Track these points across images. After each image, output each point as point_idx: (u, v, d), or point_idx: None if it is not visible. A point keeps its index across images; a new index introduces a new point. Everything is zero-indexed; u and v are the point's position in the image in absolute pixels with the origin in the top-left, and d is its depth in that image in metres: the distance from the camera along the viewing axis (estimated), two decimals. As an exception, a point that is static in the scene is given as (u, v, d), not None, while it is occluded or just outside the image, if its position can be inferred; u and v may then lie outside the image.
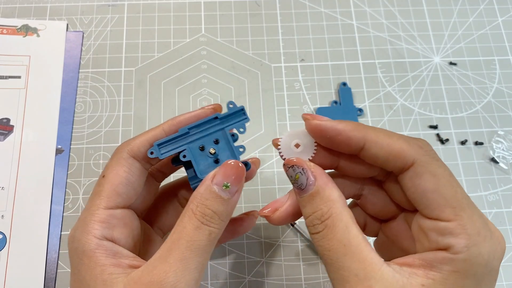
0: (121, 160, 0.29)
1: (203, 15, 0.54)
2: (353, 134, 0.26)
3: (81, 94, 0.49)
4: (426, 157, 0.25)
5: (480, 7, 0.56)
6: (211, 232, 0.27)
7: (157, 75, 0.50)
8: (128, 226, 0.29)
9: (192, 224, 0.26)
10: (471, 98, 0.51)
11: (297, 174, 0.27)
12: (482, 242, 0.23)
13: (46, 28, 0.51)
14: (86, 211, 0.28)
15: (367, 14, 0.55)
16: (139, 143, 0.29)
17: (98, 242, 0.27)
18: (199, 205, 0.27)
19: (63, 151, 0.46)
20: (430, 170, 0.25)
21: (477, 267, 0.23)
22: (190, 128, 0.30)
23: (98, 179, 0.29)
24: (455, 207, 0.24)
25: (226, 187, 0.27)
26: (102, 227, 0.27)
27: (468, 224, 0.24)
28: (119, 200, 0.28)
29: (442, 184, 0.25)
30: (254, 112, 0.49)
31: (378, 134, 0.26)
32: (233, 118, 0.30)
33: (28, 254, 0.42)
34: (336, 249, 0.25)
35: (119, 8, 0.53)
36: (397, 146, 0.26)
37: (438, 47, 0.54)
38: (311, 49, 0.53)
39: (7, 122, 0.46)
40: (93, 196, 0.29)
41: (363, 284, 0.24)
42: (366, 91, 0.51)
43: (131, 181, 0.29)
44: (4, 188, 0.44)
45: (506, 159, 0.48)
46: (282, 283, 0.42)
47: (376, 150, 0.26)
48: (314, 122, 0.27)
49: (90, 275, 0.26)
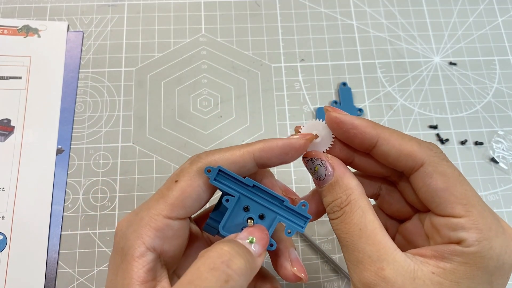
0: (199, 171, 0.27)
1: (203, 15, 0.54)
2: (368, 131, 0.27)
3: (81, 94, 0.49)
4: (436, 158, 0.26)
5: (480, 7, 0.56)
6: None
7: (157, 75, 0.50)
8: (181, 238, 0.28)
9: (218, 281, 0.24)
10: (471, 98, 0.51)
11: (316, 166, 0.28)
12: (494, 237, 0.24)
13: (47, 29, 0.51)
14: (145, 211, 0.27)
15: (367, 14, 0.55)
16: (224, 160, 0.28)
17: (144, 252, 0.26)
18: (224, 258, 0.24)
19: (63, 151, 0.46)
20: (440, 170, 0.26)
21: (488, 261, 0.24)
22: (255, 185, 0.28)
23: (169, 181, 0.28)
24: (466, 204, 0.25)
25: (251, 242, 0.26)
26: (155, 236, 0.26)
27: (479, 220, 0.24)
28: (182, 212, 0.27)
29: (452, 182, 0.26)
30: (254, 112, 0.49)
31: (392, 133, 0.28)
32: (293, 216, 0.28)
33: (29, 254, 0.42)
34: (353, 232, 0.26)
35: (119, 8, 0.53)
36: (408, 147, 0.27)
37: (438, 47, 0.54)
38: (311, 49, 0.53)
39: (7, 123, 0.46)
40: (157, 198, 0.27)
41: (376, 265, 0.25)
42: (366, 91, 0.51)
43: (200, 196, 0.27)
44: (4, 189, 0.44)
45: (506, 159, 0.48)
46: (282, 283, 0.42)
47: (388, 148, 0.27)
48: (334, 114, 0.28)
49: (121, 280, 0.25)
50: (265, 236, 0.27)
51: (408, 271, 0.24)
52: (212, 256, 0.24)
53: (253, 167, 0.28)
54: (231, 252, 0.24)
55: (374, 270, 0.25)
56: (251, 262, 0.25)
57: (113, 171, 0.46)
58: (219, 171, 0.27)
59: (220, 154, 0.28)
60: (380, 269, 0.25)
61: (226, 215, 0.27)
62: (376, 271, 0.25)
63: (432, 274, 0.24)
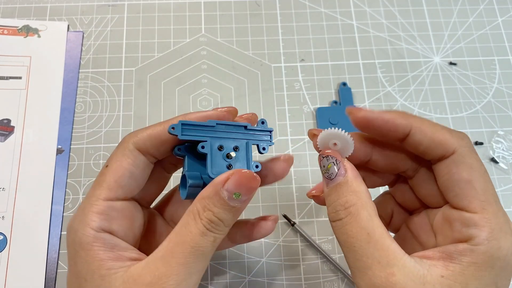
0: (126, 151, 0.28)
1: (203, 15, 0.54)
2: (400, 122, 0.27)
3: (81, 94, 0.49)
4: (466, 148, 0.26)
5: (480, 7, 0.56)
6: (216, 238, 0.27)
7: (157, 75, 0.50)
8: (128, 218, 0.29)
9: (198, 229, 0.26)
10: (471, 98, 0.51)
11: (330, 163, 0.28)
12: (503, 238, 0.24)
13: (47, 29, 0.51)
14: (85, 201, 0.28)
15: (367, 14, 0.55)
16: (146, 136, 0.29)
17: (96, 235, 0.26)
18: (206, 210, 0.26)
19: (63, 151, 0.46)
20: (468, 162, 0.26)
21: (495, 260, 0.24)
22: (218, 124, 0.29)
23: (101, 169, 0.29)
24: (484, 200, 0.25)
25: (237, 196, 0.26)
26: (100, 219, 0.27)
27: (492, 219, 0.24)
28: (120, 191, 0.28)
29: (476, 176, 0.26)
30: (254, 112, 0.49)
31: (423, 122, 0.27)
32: (260, 135, 0.30)
33: (29, 254, 0.42)
34: (360, 237, 0.25)
35: (119, 8, 0.53)
36: (441, 135, 0.27)
37: (438, 47, 0.54)
38: (311, 49, 0.53)
39: (7, 123, 0.46)
40: (94, 186, 0.28)
41: (386, 271, 0.24)
42: (366, 91, 0.51)
43: (134, 174, 0.28)
44: (4, 189, 0.44)
45: (506, 159, 0.48)
46: (282, 283, 0.42)
47: (421, 137, 0.27)
48: (361, 114, 0.28)
49: (87, 269, 0.26)
50: (250, 178, 0.27)
51: (418, 276, 0.24)
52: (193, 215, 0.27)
53: (173, 140, 0.29)
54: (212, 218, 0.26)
55: (384, 276, 0.24)
56: (234, 214, 0.27)
57: (113, 171, 0.46)
58: (182, 125, 0.28)
59: (142, 132, 0.29)
60: (390, 274, 0.24)
61: (208, 159, 0.28)
62: (387, 276, 0.24)
63: (442, 277, 0.24)
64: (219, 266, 0.43)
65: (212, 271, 0.42)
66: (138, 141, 0.29)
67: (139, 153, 0.29)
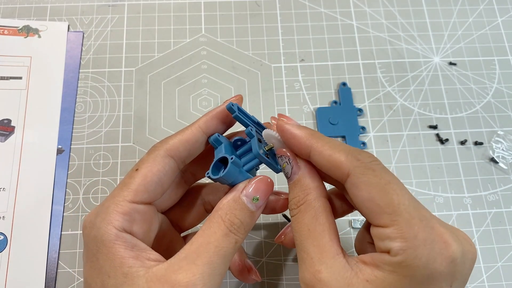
0: (157, 158, 0.29)
1: (203, 15, 0.54)
2: (302, 142, 0.29)
3: (81, 94, 0.49)
4: (361, 168, 0.26)
5: (480, 7, 0.56)
6: (237, 241, 0.28)
7: (157, 75, 0.50)
8: (148, 221, 0.30)
9: (221, 230, 0.27)
10: (470, 98, 0.51)
11: (284, 163, 0.30)
12: (421, 246, 0.24)
13: (48, 29, 0.51)
14: (110, 199, 0.28)
15: (367, 14, 0.55)
16: (177, 142, 0.30)
17: (118, 234, 0.27)
18: (228, 213, 0.28)
19: (64, 151, 0.46)
20: (364, 180, 0.26)
21: (414, 270, 0.24)
22: (259, 123, 0.32)
23: (130, 171, 0.30)
24: (391, 213, 0.25)
25: (256, 201, 0.28)
26: (123, 219, 0.28)
27: (404, 229, 0.24)
28: (146, 196, 0.29)
29: (375, 192, 0.26)
30: (254, 112, 0.49)
31: (325, 144, 0.28)
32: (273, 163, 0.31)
33: (29, 254, 0.42)
34: (302, 232, 0.28)
35: (119, 8, 0.53)
36: (336, 158, 0.27)
37: (438, 47, 0.54)
38: (311, 49, 0.53)
39: (8, 123, 0.46)
40: (121, 187, 0.29)
41: (314, 267, 0.26)
42: (366, 91, 0.51)
43: (162, 180, 0.29)
44: (5, 189, 0.44)
45: (505, 159, 0.48)
46: (282, 283, 0.42)
47: (319, 159, 0.28)
48: (278, 123, 0.30)
49: (110, 266, 0.26)
50: (267, 187, 0.29)
51: (344, 277, 0.25)
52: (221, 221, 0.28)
53: (204, 139, 0.31)
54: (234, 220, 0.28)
55: (312, 272, 0.26)
56: (252, 218, 0.29)
57: (113, 171, 0.46)
58: (238, 109, 0.30)
59: (174, 138, 0.30)
60: (317, 271, 0.26)
61: (253, 141, 0.30)
62: (314, 272, 0.26)
63: (366, 282, 0.25)
64: (219, 266, 0.43)
65: (212, 271, 0.42)
66: (170, 147, 0.30)
67: (170, 159, 0.30)
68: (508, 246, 0.45)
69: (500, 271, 0.44)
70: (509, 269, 0.44)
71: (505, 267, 0.44)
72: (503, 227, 0.45)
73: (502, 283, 0.43)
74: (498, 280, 0.43)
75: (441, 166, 0.48)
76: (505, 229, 0.45)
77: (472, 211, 0.46)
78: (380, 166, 0.27)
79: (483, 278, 0.43)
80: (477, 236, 0.45)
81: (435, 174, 0.47)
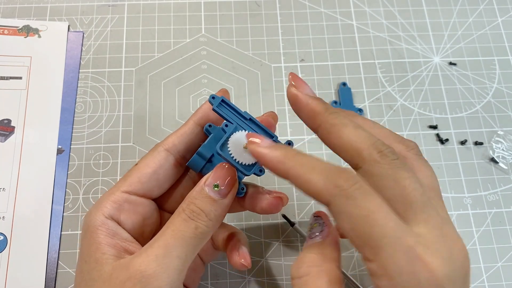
0: (154, 153, 0.31)
1: (203, 15, 0.54)
2: (278, 167, 0.26)
3: (81, 94, 0.49)
4: (340, 197, 0.24)
5: (480, 7, 0.56)
6: (197, 226, 0.28)
7: (157, 75, 0.50)
8: (140, 214, 0.31)
9: (180, 218, 0.28)
10: (470, 98, 0.51)
11: (316, 223, 0.28)
12: (405, 283, 0.22)
13: (48, 29, 0.51)
14: (107, 191, 0.30)
15: (367, 14, 0.55)
16: (174, 136, 0.32)
17: (103, 220, 0.28)
18: (190, 204, 0.28)
19: (63, 151, 0.46)
20: (344, 211, 0.24)
21: None
22: (251, 119, 0.31)
23: (131, 168, 0.32)
24: (373, 247, 0.23)
25: (216, 187, 0.28)
26: (112, 207, 0.29)
27: (388, 265, 0.23)
28: (139, 187, 0.30)
29: (357, 224, 0.23)
30: (254, 113, 0.49)
31: (299, 169, 0.25)
32: None
33: (29, 255, 0.42)
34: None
35: (119, 8, 0.53)
36: (312, 185, 0.25)
37: (438, 47, 0.54)
38: (311, 49, 0.53)
39: (8, 123, 0.46)
40: (119, 180, 0.31)
41: None
42: (366, 91, 0.51)
43: (157, 173, 0.31)
44: (5, 189, 0.44)
45: (505, 159, 0.48)
46: (282, 283, 0.42)
47: (298, 185, 0.26)
48: (250, 147, 0.28)
49: (88, 251, 0.28)
50: (225, 173, 0.29)
51: None
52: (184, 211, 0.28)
53: (200, 130, 0.32)
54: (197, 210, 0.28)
55: None
56: (216, 206, 0.28)
57: (113, 171, 0.46)
58: (222, 101, 0.30)
59: (172, 135, 0.32)
60: None
61: (223, 137, 0.30)
62: None
63: None
64: (219, 266, 0.43)
65: (212, 271, 0.42)
66: (167, 142, 0.31)
67: (166, 153, 0.31)
68: (508, 246, 0.45)
69: (500, 271, 0.44)
70: (509, 269, 0.44)
71: (505, 267, 0.44)
72: (503, 227, 0.45)
73: (502, 283, 0.43)
74: (498, 280, 0.43)
75: (441, 166, 0.48)
76: (505, 229, 0.45)
77: (472, 211, 0.46)
78: (361, 191, 0.24)
79: (483, 278, 0.43)
80: (477, 236, 0.45)
81: (435, 174, 0.47)
